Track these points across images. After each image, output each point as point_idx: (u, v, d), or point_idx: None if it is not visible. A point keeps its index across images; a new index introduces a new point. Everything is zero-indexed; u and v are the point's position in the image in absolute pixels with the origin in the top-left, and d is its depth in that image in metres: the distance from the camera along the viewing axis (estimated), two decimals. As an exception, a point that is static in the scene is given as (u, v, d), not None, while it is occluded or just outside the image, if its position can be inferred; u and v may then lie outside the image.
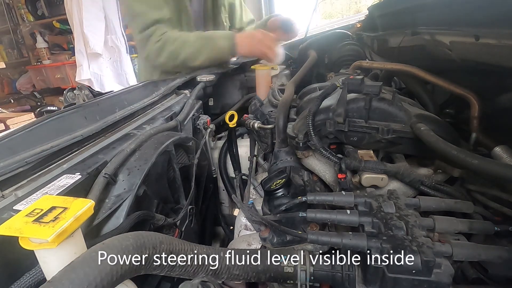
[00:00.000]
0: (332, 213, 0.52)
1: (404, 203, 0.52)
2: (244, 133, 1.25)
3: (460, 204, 0.55)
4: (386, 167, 0.63)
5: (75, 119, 0.63)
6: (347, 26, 1.63)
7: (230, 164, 1.16)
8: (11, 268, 0.39)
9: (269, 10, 4.13)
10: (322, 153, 0.68)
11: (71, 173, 0.51)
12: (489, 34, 0.58)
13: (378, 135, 0.66)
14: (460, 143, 0.69)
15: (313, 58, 1.34)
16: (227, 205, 1.26)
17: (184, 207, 0.75)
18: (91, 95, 3.29)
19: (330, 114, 0.69)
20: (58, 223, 0.33)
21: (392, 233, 0.44)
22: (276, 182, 0.72)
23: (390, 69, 0.94)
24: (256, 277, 0.48)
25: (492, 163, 0.48)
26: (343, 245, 0.46)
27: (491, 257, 0.46)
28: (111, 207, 0.52)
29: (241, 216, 0.75)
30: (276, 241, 0.64)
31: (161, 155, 0.67)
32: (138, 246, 0.37)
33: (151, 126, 0.77)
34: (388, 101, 0.68)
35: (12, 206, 0.42)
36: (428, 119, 0.67)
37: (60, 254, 0.34)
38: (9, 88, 4.49)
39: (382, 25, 1.20)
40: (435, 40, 0.78)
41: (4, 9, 4.13)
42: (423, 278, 0.41)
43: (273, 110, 0.99)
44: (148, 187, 0.62)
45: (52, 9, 3.95)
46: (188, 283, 0.40)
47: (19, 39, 4.34)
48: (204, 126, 1.05)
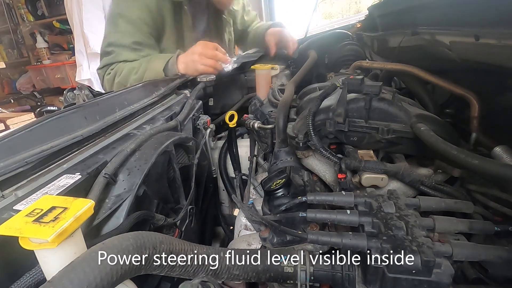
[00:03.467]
0: (332, 213, 0.52)
1: (404, 203, 0.52)
2: (244, 133, 1.25)
3: (460, 204, 0.55)
4: (386, 167, 0.63)
5: (75, 119, 0.63)
6: (347, 26, 1.63)
7: (230, 164, 1.16)
8: (11, 268, 0.39)
9: (269, 10, 4.13)
10: (322, 153, 0.68)
11: (71, 173, 0.51)
12: (489, 34, 0.58)
13: (378, 135, 0.66)
14: (460, 143, 0.69)
15: (313, 58, 1.34)
16: (227, 205, 1.26)
17: (184, 207, 0.75)
18: (91, 95, 3.29)
19: (330, 114, 0.69)
20: (58, 223, 0.33)
21: (392, 233, 0.44)
22: (276, 182, 0.72)
23: (390, 69, 0.94)
24: (256, 277, 0.48)
25: (492, 163, 0.48)
26: (343, 245, 0.46)
27: (491, 257, 0.46)
28: (111, 207, 0.52)
29: (241, 216, 0.75)
30: (276, 241, 0.64)
31: (161, 155, 0.67)
32: (138, 246, 0.37)
33: (151, 126, 0.77)
34: (388, 101, 0.68)
35: (12, 206, 0.42)
36: (428, 119, 0.67)
37: (60, 254, 0.34)
38: (9, 88, 4.49)
39: (382, 25, 1.20)
40: (435, 40, 0.78)
41: (4, 9, 4.12)
42: (423, 278, 0.41)
43: (273, 110, 0.99)
44: (148, 187, 0.62)
45: (52, 9, 3.95)
46: (188, 283, 0.40)
47: (19, 39, 4.34)
48: (204, 126, 1.05)
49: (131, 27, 1.24)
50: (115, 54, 1.26)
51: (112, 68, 1.26)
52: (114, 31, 1.26)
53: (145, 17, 1.25)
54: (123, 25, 1.24)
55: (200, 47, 1.15)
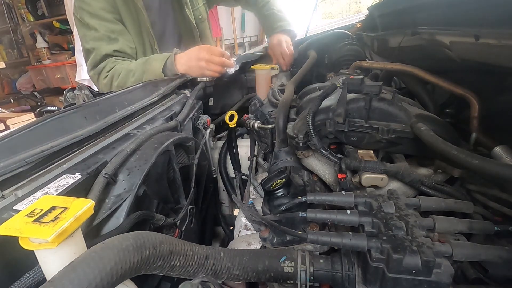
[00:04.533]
0: (332, 213, 0.52)
1: (404, 203, 0.52)
2: (244, 133, 1.25)
3: (460, 204, 0.55)
4: (386, 167, 0.63)
5: (75, 119, 0.63)
6: (347, 26, 1.63)
7: (230, 164, 1.16)
8: (11, 268, 0.39)
9: (269, 10, 4.11)
10: (322, 153, 0.68)
11: (71, 173, 0.51)
12: (489, 34, 0.58)
13: (378, 135, 0.66)
14: (460, 143, 0.69)
15: (313, 58, 1.34)
16: (227, 205, 1.26)
17: (184, 207, 0.75)
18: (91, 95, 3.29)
19: (330, 114, 0.69)
20: (58, 223, 0.33)
21: (392, 233, 0.44)
22: (276, 182, 0.72)
23: (390, 69, 0.94)
24: (256, 277, 0.48)
25: (492, 163, 0.48)
26: (343, 245, 0.46)
27: (491, 257, 0.46)
28: (111, 207, 0.52)
29: (241, 216, 0.75)
30: (276, 241, 0.64)
31: (161, 155, 0.67)
32: (138, 246, 0.37)
33: (151, 126, 0.77)
34: (388, 101, 0.68)
35: (12, 206, 0.42)
36: (428, 119, 0.67)
37: (60, 254, 0.34)
38: (9, 88, 4.49)
39: (382, 25, 1.20)
40: (435, 40, 0.78)
41: (4, 9, 4.13)
42: (423, 278, 0.41)
43: (273, 110, 0.99)
44: (148, 187, 0.62)
45: (52, 9, 3.96)
46: (188, 283, 0.40)
47: (19, 39, 4.34)
48: (204, 126, 1.05)
49: (97, 20, 1.26)
50: (95, 52, 1.28)
51: (108, 70, 1.28)
52: (85, 29, 1.29)
53: (104, 5, 1.27)
54: (90, 20, 1.26)
55: (206, 53, 1.14)
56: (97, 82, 1.35)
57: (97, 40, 1.27)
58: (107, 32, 1.27)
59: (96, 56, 1.28)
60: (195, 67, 1.15)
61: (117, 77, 1.25)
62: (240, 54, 1.51)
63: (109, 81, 1.28)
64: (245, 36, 4.26)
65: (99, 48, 1.27)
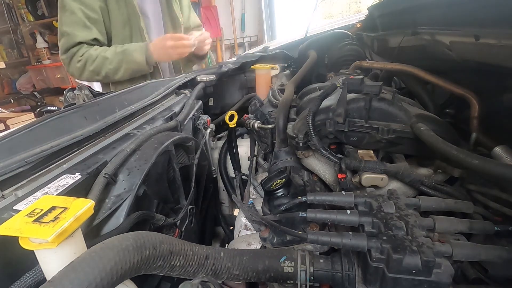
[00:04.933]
0: (332, 213, 0.52)
1: (404, 203, 0.52)
2: (244, 133, 1.25)
3: (460, 204, 0.55)
4: (386, 167, 0.63)
5: (75, 119, 0.63)
6: (347, 26, 1.63)
7: (230, 164, 1.16)
8: (11, 268, 0.39)
9: (269, 10, 4.13)
10: (322, 153, 0.68)
11: (71, 173, 0.51)
12: (489, 34, 0.58)
13: (378, 135, 0.66)
14: (460, 143, 0.69)
15: (313, 58, 1.34)
16: (227, 205, 1.26)
17: (184, 207, 0.75)
18: (91, 95, 3.29)
19: (330, 114, 0.69)
20: (58, 223, 0.33)
21: (392, 233, 0.44)
22: (276, 182, 0.72)
23: (390, 69, 0.94)
24: (256, 277, 0.48)
25: (492, 163, 0.48)
26: (343, 245, 0.46)
27: (491, 257, 0.46)
28: (111, 207, 0.52)
29: (241, 216, 0.75)
30: (276, 241, 0.64)
31: (161, 155, 0.67)
32: (138, 246, 0.37)
33: (151, 126, 0.77)
34: (388, 101, 0.68)
35: (12, 206, 0.42)
36: (428, 119, 0.67)
37: (60, 254, 0.34)
38: (9, 88, 4.50)
39: (382, 25, 1.20)
40: (435, 40, 0.78)
41: (4, 9, 4.13)
42: (423, 278, 0.41)
43: (273, 110, 0.99)
44: (148, 187, 0.62)
45: (52, 9, 3.95)
46: (188, 283, 0.40)
47: (19, 39, 4.34)
48: (204, 126, 1.05)
49: (78, 4, 1.29)
50: (69, 36, 1.31)
51: (81, 55, 1.32)
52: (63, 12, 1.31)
53: None
54: (71, 3, 1.29)
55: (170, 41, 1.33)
56: (68, 65, 1.39)
57: (72, 24, 1.31)
58: (83, 18, 1.30)
59: (69, 41, 1.32)
60: (164, 55, 1.36)
61: (92, 62, 1.31)
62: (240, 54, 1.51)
63: (82, 65, 1.33)
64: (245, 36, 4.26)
65: (73, 33, 1.31)
